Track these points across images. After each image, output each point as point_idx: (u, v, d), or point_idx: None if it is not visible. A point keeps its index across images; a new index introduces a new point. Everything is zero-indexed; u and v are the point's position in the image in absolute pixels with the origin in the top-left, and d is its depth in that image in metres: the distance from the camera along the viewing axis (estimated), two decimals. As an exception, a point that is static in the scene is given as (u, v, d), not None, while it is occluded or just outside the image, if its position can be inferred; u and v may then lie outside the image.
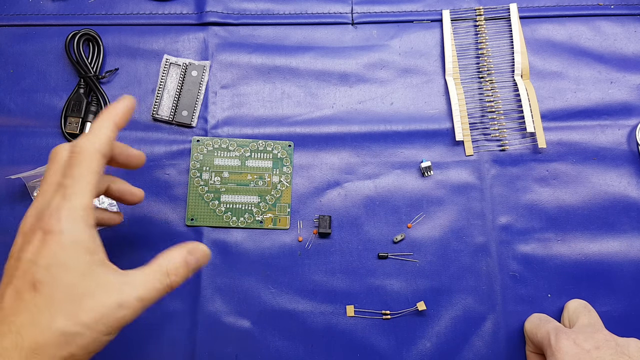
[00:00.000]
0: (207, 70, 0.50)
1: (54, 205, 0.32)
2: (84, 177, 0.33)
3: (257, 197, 0.48)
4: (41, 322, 0.30)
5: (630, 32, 0.52)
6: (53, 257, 0.31)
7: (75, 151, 0.34)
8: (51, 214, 0.32)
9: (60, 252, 0.31)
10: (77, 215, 0.32)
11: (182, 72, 0.50)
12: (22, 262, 0.31)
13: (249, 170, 0.49)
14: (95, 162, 0.34)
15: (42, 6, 0.52)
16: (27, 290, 0.30)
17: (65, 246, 0.31)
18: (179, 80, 0.50)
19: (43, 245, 0.31)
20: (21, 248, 0.32)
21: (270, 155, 0.49)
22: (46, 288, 0.30)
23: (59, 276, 0.31)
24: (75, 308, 0.31)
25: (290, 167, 0.49)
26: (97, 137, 0.35)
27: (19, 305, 0.30)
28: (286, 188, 0.49)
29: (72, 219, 0.32)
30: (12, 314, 0.30)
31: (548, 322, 0.43)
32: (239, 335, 0.46)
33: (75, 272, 0.31)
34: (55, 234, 0.31)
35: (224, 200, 0.48)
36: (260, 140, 0.49)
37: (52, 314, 0.30)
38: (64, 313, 0.30)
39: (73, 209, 0.32)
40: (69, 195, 0.32)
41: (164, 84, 0.50)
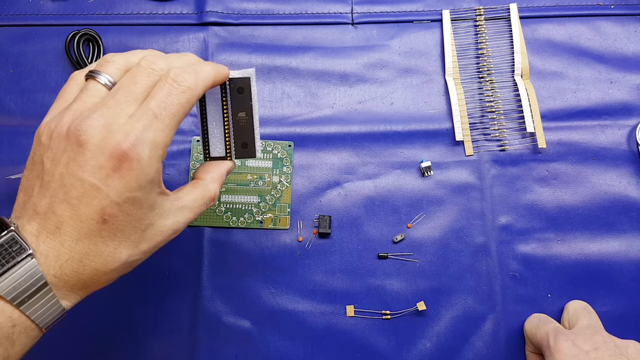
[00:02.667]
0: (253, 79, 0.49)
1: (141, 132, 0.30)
2: (179, 116, 0.31)
3: (257, 197, 0.48)
4: (104, 253, 0.30)
5: (630, 32, 0.52)
6: (128, 192, 0.30)
7: (185, 85, 0.31)
8: (137, 142, 0.30)
9: (136, 188, 0.30)
10: (159, 152, 0.31)
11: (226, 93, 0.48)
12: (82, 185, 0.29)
13: (248, 170, 0.49)
14: (192, 105, 0.32)
15: (42, 6, 0.52)
16: (95, 221, 0.30)
17: (141, 184, 0.30)
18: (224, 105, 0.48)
19: (117, 174, 0.29)
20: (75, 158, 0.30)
21: (270, 155, 0.49)
22: (114, 222, 0.30)
23: (130, 212, 0.30)
24: (139, 238, 0.31)
25: (290, 167, 0.49)
26: (204, 81, 0.32)
27: (81, 234, 0.30)
28: (286, 188, 0.49)
29: (155, 156, 0.31)
30: (72, 239, 0.30)
31: (547, 322, 0.43)
32: (239, 335, 0.46)
33: (145, 208, 0.31)
34: (135, 167, 0.30)
35: (223, 200, 0.48)
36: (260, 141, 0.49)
37: (117, 245, 0.31)
38: (128, 244, 0.31)
39: (158, 145, 0.31)
40: (160, 129, 0.31)
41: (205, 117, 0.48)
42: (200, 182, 0.35)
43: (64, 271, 0.30)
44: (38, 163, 0.31)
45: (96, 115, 0.30)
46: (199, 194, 0.34)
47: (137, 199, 0.30)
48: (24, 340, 0.30)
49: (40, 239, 0.30)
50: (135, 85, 0.31)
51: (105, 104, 0.31)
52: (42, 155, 0.31)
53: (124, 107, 0.31)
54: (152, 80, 0.32)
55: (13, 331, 0.29)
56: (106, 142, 0.30)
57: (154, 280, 0.46)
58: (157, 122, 0.31)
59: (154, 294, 0.46)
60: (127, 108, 0.31)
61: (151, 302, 0.46)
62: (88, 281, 0.31)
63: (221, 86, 0.37)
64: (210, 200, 0.35)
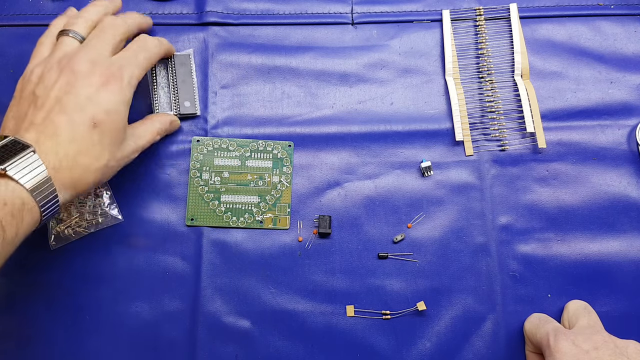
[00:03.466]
0: (192, 56, 0.50)
1: (127, 60, 0.41)
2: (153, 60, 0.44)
3: (257, 197, 0.48)
4: (92, 153, 0.38)
5: (630, 32, 0.52)
6: (112, 104, 0.39)
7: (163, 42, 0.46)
8: (123, 66, 0.41)
9: (119, 101, 0.39)
10: (134, 82, 0.41)
11: (172, 66, 0.50)
12: (77, 98, 0.38)
13: (249, 170, 0.49)
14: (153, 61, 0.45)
15: (42, 6, 0.52)
16: (87, 126, 0.38)
17: (124, 99, 0.40)
18: (171, 75, 0.49)
19: (105, 90, 0.39)
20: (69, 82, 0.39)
21: (270, 155, 0.49)
22: (103, 127, 0.39)
23: (114, 121, 0.39)
24: (116, 148, 0.40)
25: (290, 167, 0.49)
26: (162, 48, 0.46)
27: (75, 135, 0.38)
28: (286, 188, 0.49)
29: (132, 83, 0.41)
30: (67, 141, 0.37)
31: (547, 322, 0.43)
32: (239, 335, 0.46)
33: (122, 122, 0.40)
34: (120, 86, 0.40)
35: (224, 200, 0.48)
36: (260, 140, 0.49)
37: (102, 150, 0.39)
38: (110, 150, 0.39)
39: (134, 75, 0.41)
40: (139, 62, 0.42)
41: (156, 82, 0.49)
42: (149, 121, 0.46)
43: (61, 165, 0.37)
44: (28, 96, 0.39)
45: (82, 53, 0.40)
46: (149, 126, 0.45)
47: (120, 110, 0.40)
48: (29, 219, 0.36)
49: (40, 142, 0.37)
50: (105, 35, 0.42)
51: (85, 47, 0.41)
52: (33, 89, 0.39)
53: (100, 51, 0.41)
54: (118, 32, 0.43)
55: (22, 208, 0.35)
56: (95, 68, 0.40)
57: (154, 280, 0.46)
58: (134, 58, 0.42)
59: (154, 294, 0.46)
60: (103, 51, 0.41)
61: (151, 302, 0.46)
62: (77, 178, 0.38)
63: (169, 60, 0.49)
64: (156, 135, 0.45)
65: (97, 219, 0.47)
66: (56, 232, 0.46)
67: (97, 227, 0.47)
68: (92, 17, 0.44)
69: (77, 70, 0.39)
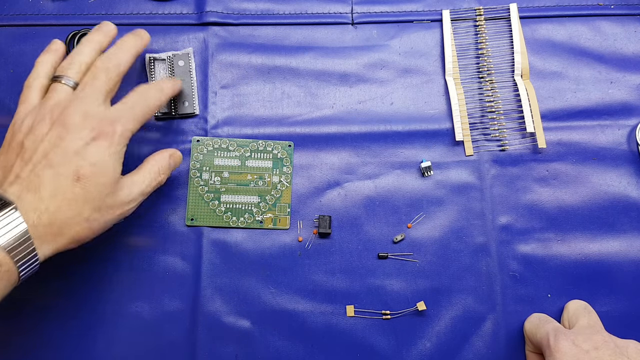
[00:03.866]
0: (192, 56, 0.50)
1: (122, 113, 0.40)
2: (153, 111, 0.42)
3: (257, 197, 0.48)
4: (73, 208, 0.37)
5: (630, 32, 0.52)
6: (100, 158, 0.38)
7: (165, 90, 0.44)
8: (117, 120, 0.39)
9: (107, 156, 0.38)
10: (128, 135, 0.40)
11: (169, 66, 0.50)
12: (65, 152, 0.37)
13: (249, 170, 0.49)
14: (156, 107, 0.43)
15: (42, 6, 0.52)
16: (70, 179, 0.37)
17: (113, 153, 0.38)
18: (169, 74, 0.50)
19: (94, 144, 0.38)
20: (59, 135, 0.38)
21: (270, 155, 0.49)
22: (87, 182, 0.37)
23: (99, 174, 0.38)
24: (100, 202, 0.38)
25: (290, 167, 0.49)
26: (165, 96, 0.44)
27: (57, 190, 0.36)
28: (286, 188, 0.49)
29: (125, 136, 0.39)
30: (49, 195, 0.36)
31: (547, 322, 0.43)
32: (239, 335, 0.46)
33: (110, 175, 0.38)
34: (110, 141, 0.38)
35: (224, 200, 0.48)
36: (260, 140, 0.49)
37: (84, 204, 0.37)
38: (91, 204, 0.38)
39: (128, 129, 0.40)
40: (136, 116, 0.40)
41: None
42: (147, 164, 0.43)
43: (40, 220, 0.36)
44: (16, 146, 0.38)
45: (74, 104, 0.39)
46: (147, 172, 0.42)
47: (107, 164, 0.38)
48: (5, 282, 0.35)
49: (22, 197, 0.36)
50: (98, 82, 0.40)
51: (78, 98, 0.39)
52: (22, 140, 0.38)
53: (94, 99, 0.39)
54: (111, 77, 0.41)
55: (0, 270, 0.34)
56: (87, 121, 0.38)
57: (154, 280, 0.46)
58: (130, 112, 0.40)
59: (154, 294, 0.46)
60: (96, 100, 0.40)
61: (151, 302, 0.46)
62: (56, 233, 0.36)
63: (168, 60, 0.49)
64: (157, 176, 0.43)
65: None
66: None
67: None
68: (85, 60, 0.42)
69: (69, 123, 0.38)
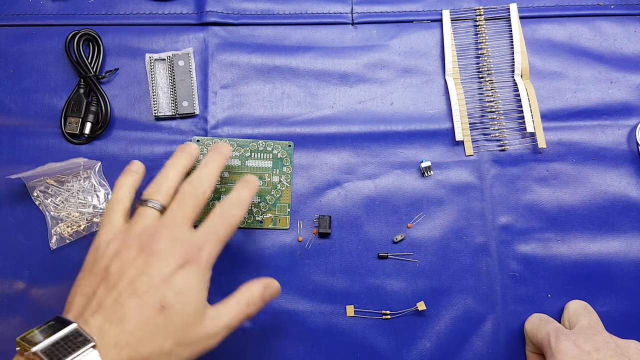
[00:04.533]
0: (192, 56, 0.50)
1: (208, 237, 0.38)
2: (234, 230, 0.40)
3: (257, 197, 0.48)
4: (155, 341, 0.34)
5: (630, 32, 0.52)
6: (187, 286, 0.35)
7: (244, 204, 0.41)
8: (204, 245, 0.37)
9: (194, 284, 0.36)
10: (213, 260, 0.38)
11: (169, 65, 0.50)
12: (151, 280, 0.35)
13: (249, 170, 0.49)
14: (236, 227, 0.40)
15: (42, 6, 0.52)
16: (154, 309, 0.34)
17: (198, 280, 0.36)
18: (169, 74, 0.50)
19: (181, 273, 0.36)
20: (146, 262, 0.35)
21: (270, 155, 0.49)
22: (172, 312, 0.35)
23: (184, 303, 0.35)
24: (183, 335, 0.35)
25: (290, 167, 0.49)
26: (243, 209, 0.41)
27: (141, 321, 0.34)
28: (286, 188, 0.49)
29: (211, 262, 0.38)
30: (133, 328, 0.33)
31: (548, 322, 0.43)
32: (239, 335, 0.46)
33: (194, 304, 0.36)
34: (197, 268, 0.36)
35: None
36: (260, 140, 0.49)
37: (165, 336, 0.34)
38: (174, 337, 0.35)
39: (214, 254, 0.38)
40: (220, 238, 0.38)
41: (155, 82, 0.50)
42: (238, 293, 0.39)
43: (120, 357, 0.33)
44: (100, 272, 0.36)
45: (164, 230, 0.37)
46: (234, 302, 0.39)
47: (192, 293, 0.36)
48: None
49: (103, 329, 0.33)
50: (186, 207, 0.39)
51: (167, 224, 0.38)
52: (108, 265, 0.36)
53: (182, 225, 0.38)
54: (198, 202, 0.40)
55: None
56: (175, 247, 0.36)
57: (154, 280, 0.46)
58: (215, 236, 0.38)
59: (154, 294, 0.46)
60: (184, 225, 0.38)
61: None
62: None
63: (168, 60, 0.49)
64: (246, 308, 0.39)
65: (97, 219, 0.47)
66: (56, 232, 0.46)
67: (97, 227, 0.47)
68: (172, 184, 0.41)
69: (157, 250, 0.36)
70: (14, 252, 0.47)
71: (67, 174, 0.48)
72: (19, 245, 0.47)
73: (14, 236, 0.47)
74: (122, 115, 0.50)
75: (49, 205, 0.47)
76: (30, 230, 0.47)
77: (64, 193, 0.47)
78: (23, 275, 0.46)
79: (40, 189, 0.47)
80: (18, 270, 0.46)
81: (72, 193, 0.47)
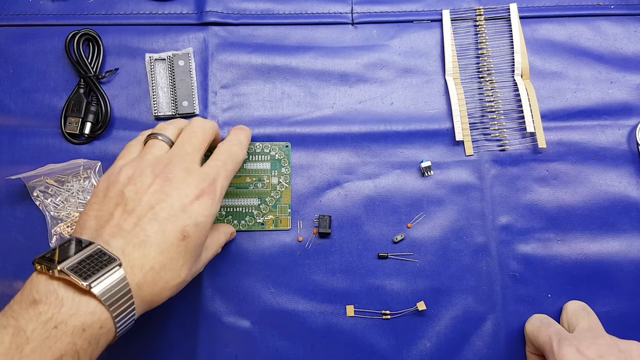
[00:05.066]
0: (192, 56, 0.50)
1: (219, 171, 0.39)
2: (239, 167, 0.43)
3: (257, 200, 0.48)
4: (175, 267, 0.36)
5: (630, 32, 0.52)
6: (203, 217, 0.37)
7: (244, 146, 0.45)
8: (216, 178, 0.39)
9: (208, 215, 0.38)
10: (223, 192, 0.40)
11: (169, 65, 0.50)
12: (171, 207, 0.36)
13: (247, 172, 0.49)
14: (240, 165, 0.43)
15: (42, 6, 0.52)
16: (177, 238, 0.36)
17: (213, 212, 0.38)
18: (169, 74, 0.50)
19: (198, 202, 0.37)
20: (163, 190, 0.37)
21: (267, 157, 0.49)
22: (189, 241, 0.36)
23: (200, 235, 0.37)
24: (195, 261, 0.38)
25: (288, 168, 0.49)
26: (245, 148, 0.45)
27: (164, 247, 0.35)
28: (285, 189, 0.48)
29: (222, 194, 0.40)
30: (156, 253, 0.35)
31: (549, 325, 0.43)
32: (239, 335, 0.46)
33: (205, 233, 0.38)
34: (213, 199, 0.38)
35: (224, 204, 0.48)
36: (257, 143, 0.49)
37: (183, 264, 0.36)
38: (189, 264, 0.37)
39: (224, 187, 0.40)
40: (228, 174, 0.41)
41: (155, 82, 0.50)
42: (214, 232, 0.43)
43: (145, 279, 0.34)
44: (115, 196, 0.37)
45: (176, 160, 0.39)
46: (214, 240, 0.43)
47: (207, 224, 0.38)
48: (103, 343, 0.33)
49: (127, 251, 0.34)
50: (195, 138, 0.41)
51: (179, 154, 0.39)
52: (123, 189, 0.37)
53: (193, 156, 0.40)
54: (206, 137, 0.42)
55: (99, 332, 0.32)
56: (190, 178, 0.38)
57: (154, 280, 0.46)
58: (224, 170, 0.40)
59: (154, 294, 0.46)
60: (195, 157, 0.40)
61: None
62: (156, 294, 0.35)
63: (167, 59, 0.50)
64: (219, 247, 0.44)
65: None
66: (56, 232, 0.46)
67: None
68: (181, 125, 0.43)
69: (173, 178, 0.37)
70: (14, 252, 0.47)
71: (67, 174, 0.48)
72: (19, 245, 0.47)
73: (14, 236, 0.47)
74: (122, 115, 0.50)
75: (49, 205, 0.47)
76: (31, 230, 0.47)
77: (64, 193, 0.47)
78: (23, 276, 0.46)
79: (40, 189, 0.47)
80: (18, 271, 0.46)
81: (72, 193, 0.47)
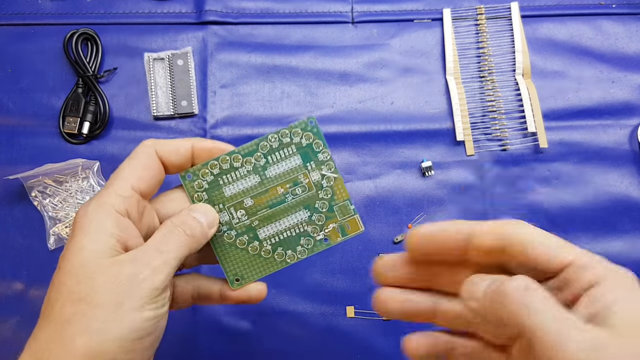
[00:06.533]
0: (191, 55, 0.50)
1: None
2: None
3: (305, 211, 0.34)
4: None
5: (632, 32, 0.52)
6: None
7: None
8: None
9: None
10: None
11: (168, 65, 0.49)
12: None
13: (274, 181, 0.34)
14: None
15: (40, 5, 0.51)
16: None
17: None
18: (168, 73, 0.49)
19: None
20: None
21: (292, 147, 0.34)
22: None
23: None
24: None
25: (326, 150, 0.34)
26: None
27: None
28: (335, 180, 0.34)
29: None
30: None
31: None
32: (239, 335, 0.46)
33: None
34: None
35: (264, 237, 0.34)
36: (269, 135, 0.34)
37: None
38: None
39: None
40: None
41: (154, 81, 0.49)
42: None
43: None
44: None
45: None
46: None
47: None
48: None
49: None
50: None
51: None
52: None
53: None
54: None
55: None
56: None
57: (153, 280, 0.46)
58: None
59: (153, 295, 0.46)
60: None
61: (150, 302, 0.46)
62: None
63: (166, 58, 0.49)
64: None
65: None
66: (54, 232, 0.46)
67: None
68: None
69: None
70: (12, 252, 0.46)
71: (66, 174, 0.47)
72: (17, 245, 0.46)
73: (12, 236, 0.47)
74: (121, 115, 0.50)
75: (47, 205, 0.47)
76: (29, 231, 0.47)
77: (62, 193, 0.47)
78: (21, 276, 0.46)
79: (38, 189, 0.47)
80: (16, 271, 0.46)
81: (71, 193, 0.47)
